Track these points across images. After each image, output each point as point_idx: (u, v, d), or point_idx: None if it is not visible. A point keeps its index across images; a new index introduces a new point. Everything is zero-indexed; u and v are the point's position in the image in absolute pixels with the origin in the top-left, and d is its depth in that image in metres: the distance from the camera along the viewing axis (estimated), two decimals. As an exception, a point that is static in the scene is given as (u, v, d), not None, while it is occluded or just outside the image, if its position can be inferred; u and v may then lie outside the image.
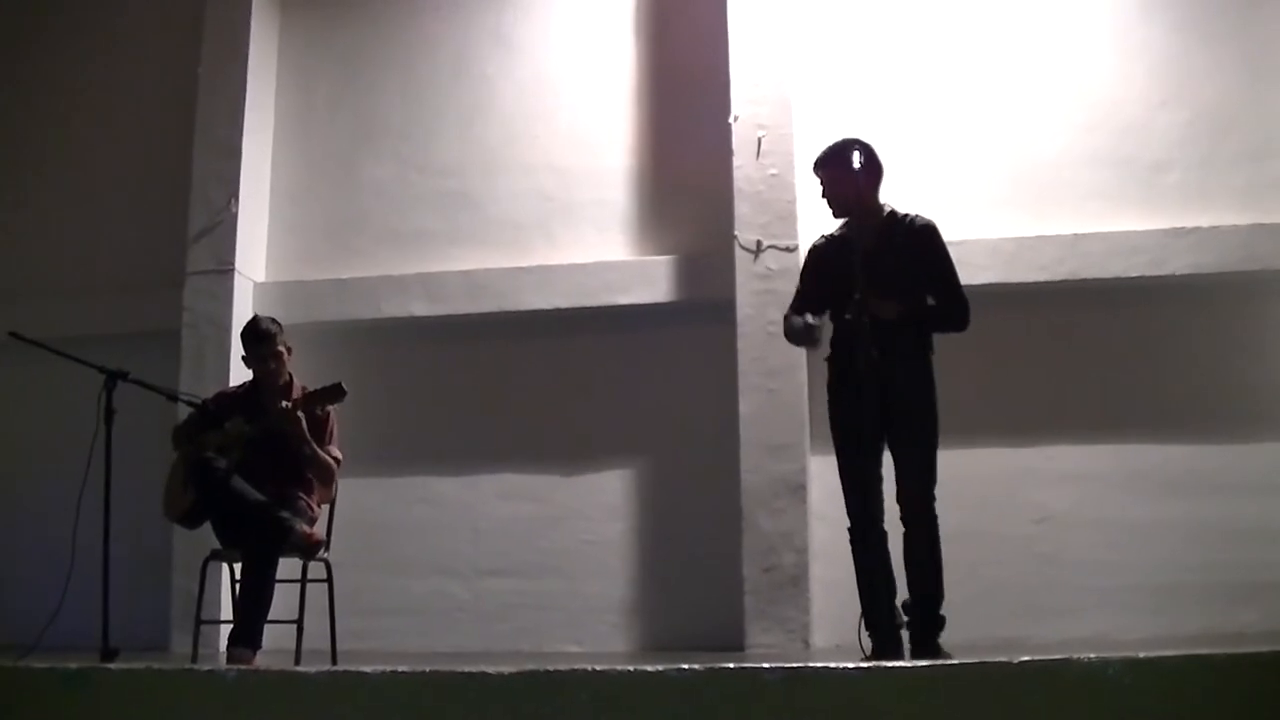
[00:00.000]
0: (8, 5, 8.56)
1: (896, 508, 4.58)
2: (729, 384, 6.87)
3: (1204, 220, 6.79)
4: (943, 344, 4.75)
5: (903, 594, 4.58)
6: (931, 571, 4.55)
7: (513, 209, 7.68)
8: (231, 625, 4.96)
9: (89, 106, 8.33)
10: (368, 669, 2.85)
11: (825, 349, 4.80)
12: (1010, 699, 2.65)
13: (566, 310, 7.36)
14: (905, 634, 4.52)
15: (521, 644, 7.02)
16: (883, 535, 4.57)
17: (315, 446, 5.12)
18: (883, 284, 4.49)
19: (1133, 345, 6.86)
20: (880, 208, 4.81)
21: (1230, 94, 7.01)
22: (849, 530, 4.64)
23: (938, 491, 4.60)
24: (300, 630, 5.04)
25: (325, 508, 5.38)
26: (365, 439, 6.53)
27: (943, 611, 4.57)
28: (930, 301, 4.74)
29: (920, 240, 4.75)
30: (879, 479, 4.59)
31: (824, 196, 4.87)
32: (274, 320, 5.43)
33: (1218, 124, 6.99)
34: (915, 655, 4.37)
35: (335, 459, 5.25)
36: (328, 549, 5.27)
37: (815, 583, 6.58)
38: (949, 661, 2.72)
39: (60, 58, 8.44)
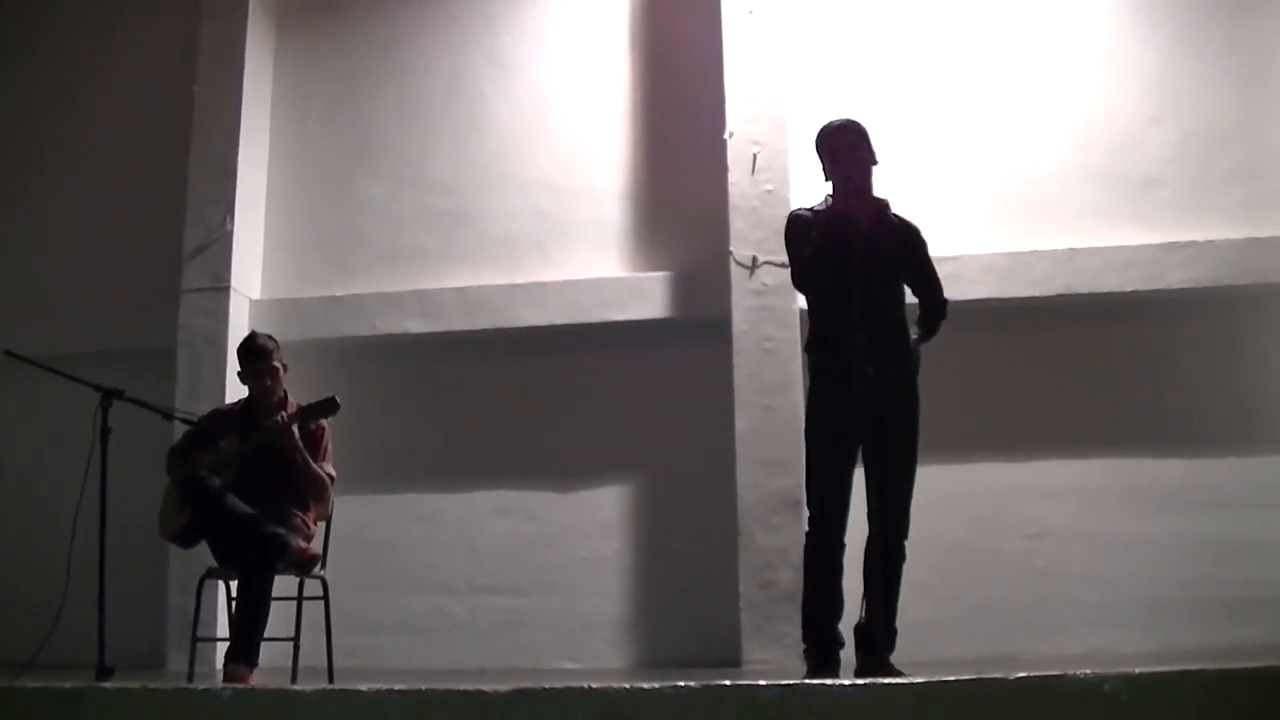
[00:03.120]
0: (2, 27, 8.59)
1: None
2: (725, 400, 6.87)
3: (1198, 235, 6.81)
4: (937, 359, 4.75)
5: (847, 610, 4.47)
6: (897, 590, 4.49)
7: (508, 226, 7.69)
8: (228, 643, 4.95)
9: (84, 124, 8.34)
10: (364, 687, 2.85)
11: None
12: (1006, 715, 2.65)
13: (562, 327, 7.36)
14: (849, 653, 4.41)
15: (518, 661, 7.01)
16: (843, 546, 4.51)
17: (308, 457, 5.12)
18: (878, 277, 4.45)
19: (1127, 360, 6.87)
20: (875, 199, 4.70)
21: (1222, 110, 7.05)
22: (810, 535, 4.54)
23: (931, 508, 4.58)
24: (296, 648, 5.04)
25: (321, 525, 5.37)
26: (361, 456, 6.53)
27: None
28: (912, 299, 4.75)
29: (911, 237, 4.74)
30: (849, 488, 4.50)
31: (844, 172, 4.60)
32: (270, 337, 5.44)
33: (1210, 140, 7.02)
34: (875, 675, 4.08)
35: (330, 476, 5.25)
36: (324, 566, 5.26)
37: (812, 599, 6.57)
38: (946, 678, 2.72)
39: (55, 76, 8.45)
